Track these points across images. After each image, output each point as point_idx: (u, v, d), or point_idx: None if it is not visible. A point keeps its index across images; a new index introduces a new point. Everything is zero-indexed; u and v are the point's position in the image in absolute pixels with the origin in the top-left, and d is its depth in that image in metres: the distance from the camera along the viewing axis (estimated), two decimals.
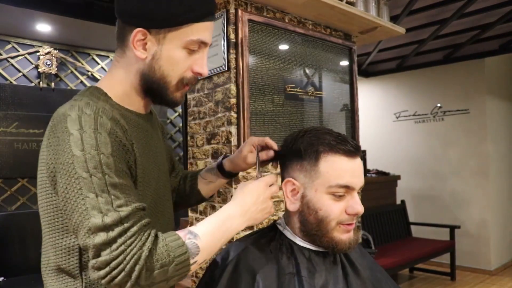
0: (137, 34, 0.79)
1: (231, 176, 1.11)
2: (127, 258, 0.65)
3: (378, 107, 5.41)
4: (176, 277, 0.70)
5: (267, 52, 1.96)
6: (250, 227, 1.79)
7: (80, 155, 0.69)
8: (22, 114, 3.55)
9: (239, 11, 1.82)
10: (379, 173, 4.63)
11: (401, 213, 4.62)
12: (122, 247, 0.65)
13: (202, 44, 0.82)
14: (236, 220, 0.79)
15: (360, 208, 0.85)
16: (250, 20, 1.86)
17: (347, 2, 2.09)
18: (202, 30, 0.81)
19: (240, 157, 1.03)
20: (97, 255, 0.66)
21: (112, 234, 0.66)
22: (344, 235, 0.86)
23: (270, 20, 1.95)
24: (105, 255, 0.65)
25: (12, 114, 3.50)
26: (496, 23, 3.55)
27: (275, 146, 0.99)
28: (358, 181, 0.86)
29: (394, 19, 3.16)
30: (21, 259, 3.26)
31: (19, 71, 3.61)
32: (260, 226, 1.83)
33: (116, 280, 0.65)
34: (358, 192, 0.88)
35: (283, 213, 0.98)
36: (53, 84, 3.74)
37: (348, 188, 0.84)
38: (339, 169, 0.85)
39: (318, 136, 0.88)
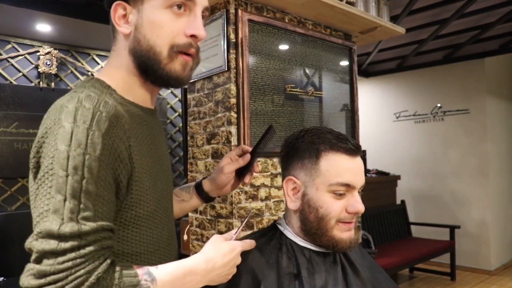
0: (116, 8, 0.73)
1: (207, 200, 1.03)
2: (69, 278, 0.56)
3: (378, 107, 5.42)
4: None
5: (267, 52, 1.96)
6: (250, 228, 1.79)
7: (63, 150, 0.59)
8: (22, 114, 3.55)
9: (239, 11, 1.82)
10: (379, 173, 4.64)
11: (401, 213, 4.63)
12: (69, 264, 0.56)
13: (189, 1, 0.72)
14: (198, 277, 0.70)
15: (360, 207, 0.85)
16: (250, 20, 1.86)
17: (347, 2, 2.09)
18: None
19: (218, 170, 0.99)
20: (38, 261, 0.57)
21: (63, 245, 0.56)
22: (345, 234, 0.86)
23: (270, 20, 1.95)
24: (46, 265, 0.56)
25: (12, 114, 3.50)
26: (496, 23, 3.55)
27: (249, 148, 0.98)
28: (359, 179, 0.86)
29: (394, 19, 3.16)
30: (21, 259, 3.25)
31: (19, 71, 3.61)
32: (260, 226, 1.83)
33: None
34: (358, 192, 0.88)
35: (283, 213, 0.98)
36: (53, 84, 3.74)
37: (348, 186, 0.85)
38: (340, 167, 0.85)
39: (319, 135, 0.88)
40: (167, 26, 0.71)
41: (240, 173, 0.99)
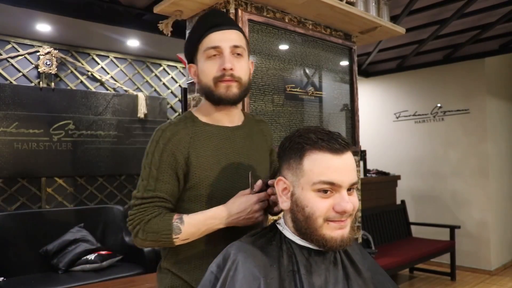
0: (190, 68, 1.17)
1: None
2: (135, 219, 1.05)
3: (378, 107, 5.41)
4: (162, 242, 1.03)
5: (267, 52, 1.96)
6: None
7: (146, 154, 1.09)
8: (22, 114, 3.55)
9: (239, 11, 1.82)
10: (379, 173, 4.63)
11: (401, 213, 4.62)
12: (136, 211, 1.05)
13: (213, 49, 1.09)
14: (216, 221, 1.05)
15: (348, 206, 0.84)
16: (250, 20, 1.86)
17: (347, 2, 2.08)
18: (209, 41, 1.10)
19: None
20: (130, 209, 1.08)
21: (135, 202, 1.06)
22: (335, 232, 0.86)
23: (270, 20, 1.95)
24: (130, 212, 1.07)
25: (12, 114, 3.50)
26: (496, 23, 3.55)
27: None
28: (345, 178, 0.85)
29: (394, 19, 3.16)
30: (21, 259, 3.26)
31: (19, 71, 3.61)
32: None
33: (129, 227, 1.06)
34: (351, 189, 0.87)
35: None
36: (53, 84, 3.74)
37: (333, 185, 0.84)
38: (323, 166, 0.85)
39: (304, 135, 0.89)
40: (209, 69, 1.10)
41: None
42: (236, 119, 1.19)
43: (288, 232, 0.92)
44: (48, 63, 3.69)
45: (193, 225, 1.03)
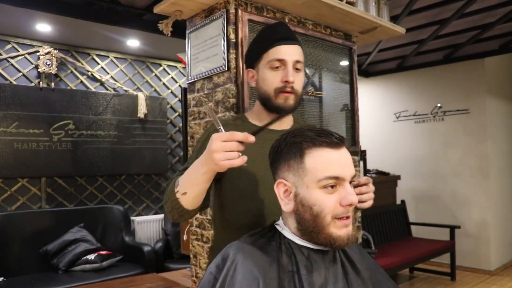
0: (248, 72, 1.25)
1: None
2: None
3: (378, 107, 5.41)
4: (174, 203, 1.04)
5: None
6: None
7: (197, 141, 1.25)
8: (22, 114, 3.55)
9: (239, 11, 1.82)
10: (379, 173, 4.63)
11: (401, 213, 4.62)
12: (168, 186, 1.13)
13: (278, 61, 1.16)
14: (199, 164, 0.98)
15: (353, 198, 0.85)
16: (250, 20, 1.86)
17: (347, 2, 2.08)
18: (276, 53, 1.16)
19: None
20: None
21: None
22: (342, 231, 0.86)
23: (270, 20, 1.95)
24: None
25: (12, 114, 3.50)
26: (496, 23, 3.55)
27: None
28: (347, 170, 0.86)
29: (394, 19, 3.16)
30: (21, 259, 3.26)
31: (19, 71, 3.61)
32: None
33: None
34: (351, 183, 0.88)
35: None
36: (53, 84, 3.74)
37: (337, 179, 0.85)
38: (325, 161, 0.85)
39: (300, 135, 0.89)
40: (271, 78, 1.17)
41: None
42: (284, 124, 1.25)
43: (288, 232, 0.92)
44: (48, 63, 3.69)
45: (185, 175, 1.03)
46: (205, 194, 1.08)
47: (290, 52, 1.17)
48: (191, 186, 1.01)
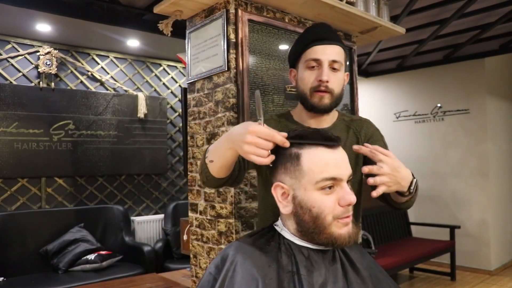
0: (290, 72, 1.29)
1: None
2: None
3: (378, 107, 5.41)
4: (204, 169, 1.10)
5: (267, 52, 1.96)
6: (250, 227, 1.80)
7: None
8: (22, 114, 3.55)
9: (239, 11, 1.82)
10: None
11: (401, 213, 4.62)
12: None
13: (314, 61, 1.19)
14: (224, 138, 1.01)
15: (352, 198, 0.85)
16: (250, 20, 1.86)
17: (347, 2, 2.08)
18: (312, 53, 1.19)
19: None
20: None
21: None
22: (343, 229, 0.86)
23: (270, 20, 1.95)
24: None
25: (12, 114, 3.50)
26: (496, 23, 3.55)
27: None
28: (344, 171, 0.86)
29: (394, 19, 3.16)
30: (21, 259, 3.26)
31: (19, 71, 3.61)
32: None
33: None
34: (348, 182, 0.88)
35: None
36: (53, 84, 3.74)
37: (335, 179, 0.85)
38: (322, 162, 0.85)
39: (295, 136, 0.89)
40: (307, 78, 1.21)
41: None
42: (324, 123, 1.28)
43: (287, 233, 0.92)
44: (48, 63, 3.69)
45: (215, 144, 1.07)
46: (233, 168, 1.10)
47: (326, 52, 1.19)
48: (217, 156, 1.05)
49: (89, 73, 3.98)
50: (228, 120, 1.82)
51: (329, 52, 1.19)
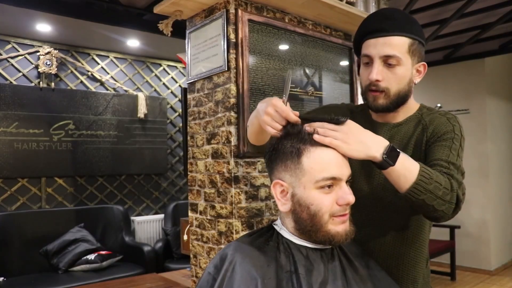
0: (358, 61, 1.22)
1: None
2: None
3: None
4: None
5: (267, 52, 1.96)
6: (250, 227, 1.80)
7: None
8: (22, 114, 3.55)
9: (239, 11, 1.82)
10: None
11: None
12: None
13: (366, 57, 1.08)
14: (254, 112, 1.08)
15: (350, 198, 0.86)
16: (250, 20, 1.86)
17: (347, 2, 2.09)
18: (365, 48, 1.09)
19: None
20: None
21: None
22: (340, 227, 0.87)
23: (270, 20, 1.95)
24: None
25: (12, 114, 3.50)
26: (496, 23, 3.55)
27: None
28: (344, 170, 0.87)
29: None
30: (21, 259, 3.26)
31: (19, 71, 3.61)
32: (260, 226, 1.83)
33: None
34: (347, 182, 0.88)
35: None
36: (53, 84, 3.74)
37: (335, 179, 0.85)
38: (322, 162, 0.85)
39: (296, 134, 0.89)
40: (362, 76, 1.12)
41: None
42: (392, 119, 1.15)
43: (286, 232, 0.92)
44: (48, 63, 3.69)
45: (254, 111, 1.09)
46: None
47: (378, 47, 1.05)
48: (250, 123, 1.13)
49: (89, 73, 3.98)
50: (228, 120, 1.82)
51: (381, 46, 1.04)
